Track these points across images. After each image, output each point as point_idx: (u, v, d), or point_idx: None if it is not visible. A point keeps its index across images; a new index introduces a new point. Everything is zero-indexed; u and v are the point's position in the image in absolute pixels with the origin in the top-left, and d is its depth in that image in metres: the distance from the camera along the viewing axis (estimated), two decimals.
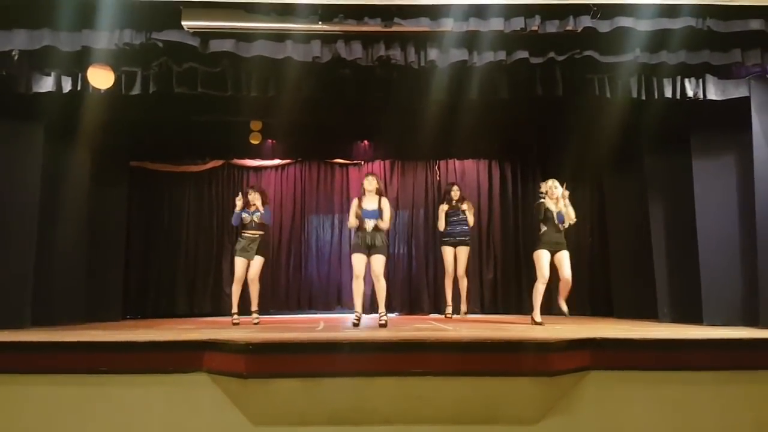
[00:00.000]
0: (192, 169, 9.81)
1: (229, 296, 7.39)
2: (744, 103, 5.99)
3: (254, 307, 7.18)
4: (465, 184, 9.90)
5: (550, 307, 9.18)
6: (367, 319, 7.28)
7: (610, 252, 8.56)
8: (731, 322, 6.00)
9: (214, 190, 9.94)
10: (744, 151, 6.05)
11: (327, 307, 9.75)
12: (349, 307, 9.68)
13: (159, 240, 9.64)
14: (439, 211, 7.94)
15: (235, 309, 7.09)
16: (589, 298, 9.12)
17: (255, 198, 7.24)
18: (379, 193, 6.31)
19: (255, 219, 7.16)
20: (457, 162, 9.98)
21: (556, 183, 6.74)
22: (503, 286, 9.73)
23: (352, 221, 6.25)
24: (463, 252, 7.77)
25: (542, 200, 6.68)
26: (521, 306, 9.48)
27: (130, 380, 4.02)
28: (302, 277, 9.88)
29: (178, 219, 9.79)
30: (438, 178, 9.99)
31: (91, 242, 7.41)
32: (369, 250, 6.16)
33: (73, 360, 4.09)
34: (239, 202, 7.21)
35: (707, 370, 4.07)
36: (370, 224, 6.16)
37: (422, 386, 3.82)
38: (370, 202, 6.23)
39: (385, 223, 6.22)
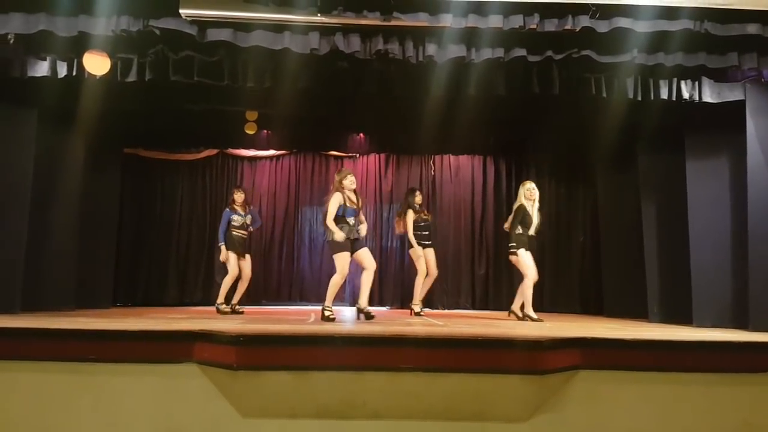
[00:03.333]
0: (186, 157, 9.78)
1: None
2: (739, 107, 6.01)
3: (237, 300, 7.49)
4: (459, 180, 9.94)
5: (540, 304, 9.28)
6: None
7: (601, 250, 8.61)
8: (721, 324, 6.05)
9: (208, 179, 9.92)
10: (737, 154, 6.09)
11: (318, 299, 9.66)
12: (340, 300, 9.72)
13: (151, 227, 9.61)
14: (408, 218, 7.60)
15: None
16: (579, 296, 9.17)
17: (240, 197, 7.52)
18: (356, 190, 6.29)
19: (247, 221, 7.47)
20: (452, 157, 9.99)
21: (535, 185, 6.93)
22: (495, 282, 9.76)
23: (331, 218, 5.98)
24: (432, 253, 7.80)
25: (523, 203, 6.84)
26: (513, 302, 9.51)
27: (120, 369, 3.99)
28: (294, 269, 9.89)
29: (170, 207, 9.75)
30: (433, 172, 10.00)
31: (83, 228, 7.38)
32: (353, 244, 6.06)
33: (62, 348, 4.06)
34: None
35: (696, 372, 4.09)
36: (352, 219, 6.08)
37: (412, 382, 3.82)
38: (353, 198, 6.17)
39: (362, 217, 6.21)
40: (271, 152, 9.86)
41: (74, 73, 5.89)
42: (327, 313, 6.00)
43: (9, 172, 6.16)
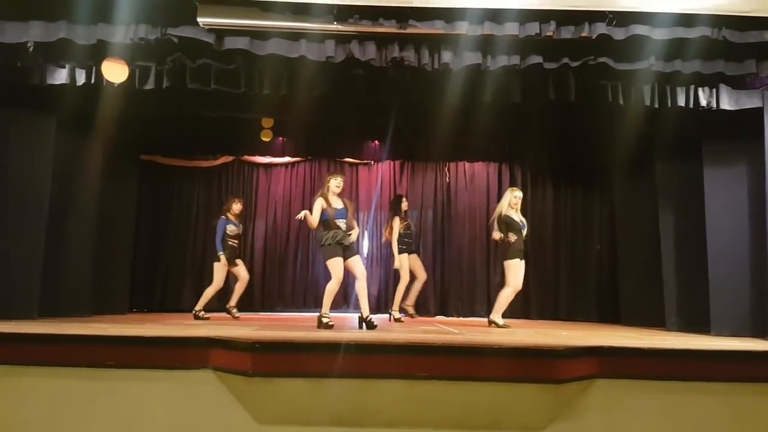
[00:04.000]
0: (202, 164, 9.85)
1: (232, 293, 7.69)
2: (757, 114, 5.95)
3: (235, 302, 7.81)
4: (474, 187, 9.92)
5: (556, 312, 9.24)
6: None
7: (618, 259, 8.54)
8: (739, 333, 5.98)
9: (224, 186, 9.97)
10: (756, 162, 6.02)
11: (333, 306, 9.66)
12: (356, 307, 9.73)
13: (167, 234, 9.68)
14: (395, 224, 7.80)
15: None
16: (596, 305, 9.10)
17: (238, 208, 7.87)
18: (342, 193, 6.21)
19: (239, 230, 7.85)
20: (467, 164, 9.97)
21: (521, 194, 6.94)
22: None
23: (315, 221, 5.97)
24: (417, 258, 8.00)
25: (507, 212, 6.81)
26: (528, 310, 9.48)
27: (136, 375, 4.02)
28: (309, 276, 9.90)
29: (187, 214, 9.82)
30: (447, 179, 9.99)
31: (100, 234, 7.44)
32: (345, 251, 5.96)
33: (79, 353, 4.10)
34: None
35: (715, 381, 4.04)
36: (343, 224, 5.99)
37: (428, 390, 3.81)
38: (338, 202, 6.07)
39: (353, 222, 6.18)
40: (287, 159, 9.90)
41: (93, 81, 5.95)
42: (325, 320, 5.94)
43: (28, 179, 6.23)
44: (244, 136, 8.78)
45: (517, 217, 6.85)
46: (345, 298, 9.79)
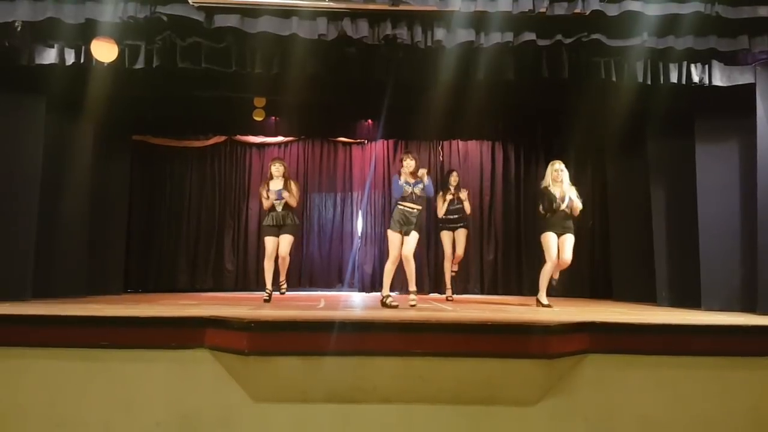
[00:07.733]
0: (195, 144, 9.81)
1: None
2: (749, 90, 5.96)
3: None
4: (468, 165, 9.92)
5: (550, 288, 9.28)
6: (368, 298, 7.30)
7: (611, 235, 8.60)
8: (729, 308, 6.04)
9: (217, 166, 9.97)
10: (747, 138, 6.04)
11: (328, 285, 9.80)
12: (350, 285, 9.81)
13: (161, 214, 9.68)
14: (439, 200, 7.75)
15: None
16: (588, 281, 9.17)
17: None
18: (286, 176, 6.72)
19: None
20: (460, 143, 9.97)
21: (563, 166, 6.62)
22: (504, 267, 9.78)
23: (268, 203, 6.61)
24: (462, 234, 7.81)
25: (546, 185, 6.59)
26: (521, 287, 9.55)
27: (132, 355, 4.02)
28: (304, 255, 9.92)
29: (180, 194, 9.81)
30: (441, 158, 9.99)
31: (93, 215, 7.42)
32: (280, 230, 6.58)
33: (74, 334, 4.09)
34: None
35: (705, 356, 4.09)
36: (279, 205, 6.55)
37: (422, 366, 3.84)
38: (278, 185, 6.60)
39: (293, 201, 6.66)
40: (280, 139, 9.86)
41: (82, 61, 5.89)
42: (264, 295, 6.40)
43: (18, 161, 6.19)
44: (236, 115, 8.71)
45: (559, 191, 6.49)
46: (339, 278, 9.88)
